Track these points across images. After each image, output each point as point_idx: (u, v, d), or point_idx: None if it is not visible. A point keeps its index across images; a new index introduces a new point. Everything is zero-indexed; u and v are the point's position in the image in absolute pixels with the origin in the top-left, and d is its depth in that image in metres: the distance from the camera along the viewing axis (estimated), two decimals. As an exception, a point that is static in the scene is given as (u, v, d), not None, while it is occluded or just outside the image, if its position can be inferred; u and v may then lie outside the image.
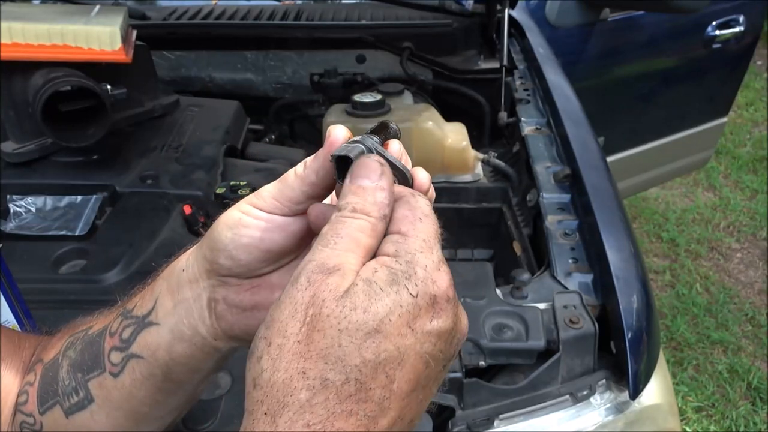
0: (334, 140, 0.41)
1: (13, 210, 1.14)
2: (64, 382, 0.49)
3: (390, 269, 0.34)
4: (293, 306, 0.33)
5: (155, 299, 0.47)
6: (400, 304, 0.33)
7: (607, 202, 1.05)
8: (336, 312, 0.32)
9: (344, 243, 0.35)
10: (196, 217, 1.15)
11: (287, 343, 0.32)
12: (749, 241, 3.20)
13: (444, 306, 0.34)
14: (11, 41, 1.12)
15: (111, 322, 0.49)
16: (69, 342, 0.52)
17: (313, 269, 0.34)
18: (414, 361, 0.33)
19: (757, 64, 5.13)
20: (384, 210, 0.37)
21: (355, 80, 1.68)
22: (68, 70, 1.15)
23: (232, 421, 0.74)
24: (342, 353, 0.32)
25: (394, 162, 0.41)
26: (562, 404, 0.83)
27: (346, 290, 0.33)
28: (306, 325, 0.32)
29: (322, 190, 0.42)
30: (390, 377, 0.32)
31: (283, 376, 0.32)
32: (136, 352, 0.46)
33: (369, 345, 0.32)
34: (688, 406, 2.30)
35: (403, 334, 0.33)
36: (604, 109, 2.41)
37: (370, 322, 0.32)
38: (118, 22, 1.21)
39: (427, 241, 0.36)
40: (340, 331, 0.32)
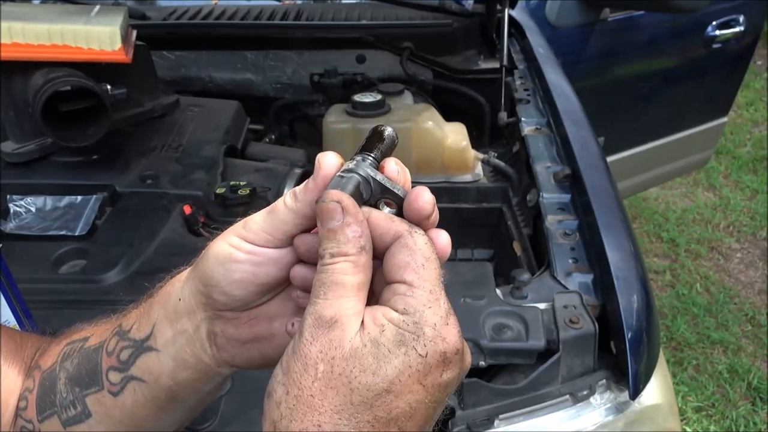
0: (325, 173, 0.40)
1: (13, 210, 1.14)
2: (62, 395, 0.49)
3: (398, 329, 0.35)
4: (304, 360, 0.35)
5: (152, 324, 0.46)
6: (409, 365, 0.34)
7: (607, 202, 1.05)
8: (347, 372, 0.34)
9: (333, 291, 0.36)
10: (196, 217, 1.15)
11: (302, 395, 0.34)
12: (749, 241, 3.20)
13: (453, 359, 0.36)
14: (11, 41, 1.12)
15: (107, 339, 0.48)
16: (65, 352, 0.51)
17: (313, 323, 0.35)
18: (424, 411, 0.35)
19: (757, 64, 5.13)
20: (359, 243, 0.37)
21: (355, 80, 1.68)
22: (68, 70, 1.15)
23: (232, 421, 0.74)
24: (355, 411, 0.34)
25: (390, 188, 0.40)
26: (562, 404, 0.83)
27: (353, 349, 0.34)
28: (318, 381, 0.34)
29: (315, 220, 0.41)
30: (401, 428, 0.34)
31: (299, 426, 0.34)
32: (137, 375, 0.46)
33: (380, 404, 0.34)
34: (688, 406, 2.30)
35: (414, 391, 0.34)
36: (604, 109, 2.41)
37: (380, 383, 0.34)
38: (118, 22, 1.21)
39: (434, 291, 0.36)
40: (351, 390, 0.34)
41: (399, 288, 0.36)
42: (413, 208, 0.39)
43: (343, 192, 0.38)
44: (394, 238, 0.38)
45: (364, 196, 0.40)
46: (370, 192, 0.40)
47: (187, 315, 0.45)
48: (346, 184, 0.39)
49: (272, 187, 1.28)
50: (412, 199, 0.39)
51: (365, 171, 0.39)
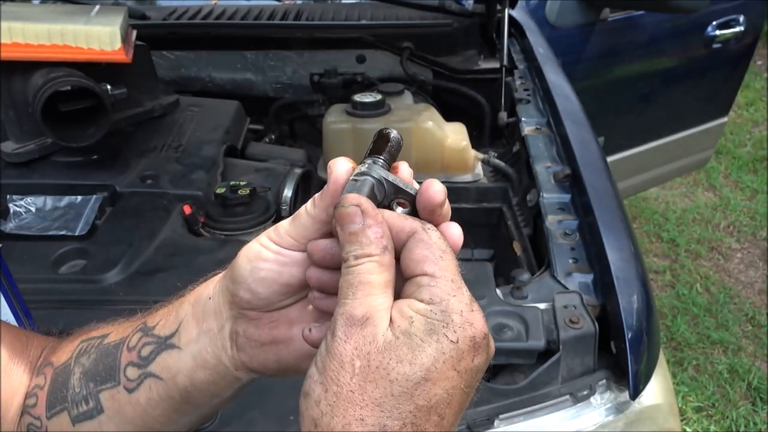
0: (337, 178, 0.41)
1: (13, 210, 1.14)
2: (75, 390, 0.49)
3: (426, 318, 0.36)
4: (340, 358, 0.36)
5: (179, 322, 0.47)
6: (443, 352, 0.35)
7: (607, 202, 1.05)
8: (384, 364, 0.35)
9: (362, 290, 0.37)
10: (195, 217, 1.16)
11: (342, 392, 0.35)
12: (749, 241, 3.20)
13: (482, 344, 0.37)
14: (11, 41, 1.12)
15: (129, 335, 0.49)
16: (82, 348, 0.52)
17: (345, 322, 0.36)
18: (460, 397, 0.36)
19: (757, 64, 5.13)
20: (381, 243, 0.38)
21: (355, 80, 1.68)
22: (68, 70, 1.15)
23: (232, 421, 0.74)
24: (396, 402, 0.34)
25: (405, 189, 0.41)
26: (562, 404, 0.83)
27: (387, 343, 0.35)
28: (356, 376, 0.35)
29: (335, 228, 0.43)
30: (441, 415, 0.36)
31: (341, 421, 0.35)
32: (155, 372, 0.47)
33: (420, 393, 0.35)
34: (688, 406, 2.30)
35: (450, 377, 0.36)
36: (604, 109, 2.41)
37: (417, 372, 0.35)
38: (118, 22, 1.21)
39: (455, 281, 0.38)
40: (391, 382, 0.35)
41: (422, 280, 0.37)
42: (425, 198, 0.40)
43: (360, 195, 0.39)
44: (409, 234, 0.39)
45: (378, 198, 0.40)
46: (384, 193, 0.41)
47: (214, 314, 0.46)
48: (361, 187, 0.40)
49: (272, 187, 1.28)
50: (424, 190, 0.40)
51: (378, 173, 0.40)
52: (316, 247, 0.42)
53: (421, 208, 0.40)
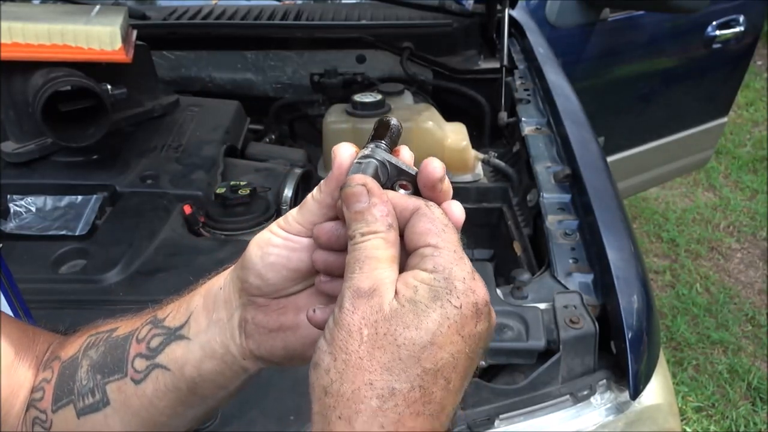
0: (341, 162, 0.42)
1: (13, 210, 1.14)
2: (81, 382, 0.50)
3: (430, 287, 0.37)
4: (347, 328, 0.37)
5: (189, 314, 0.48)
6: (447, 317, 0.37)
7: (608, 202, 1.05)
8: (391, 330, 0.36)
9: (368, 264, 0.38)
10: (196, 217, 1.16)
11: (350, 359, 0.36)
12: (749, 241, 3.20)
13: (484, 310, 0.39)
14: (11, 41, 1.12)
15: (139, 328, 0.50)
16: (90, 342, 0.52)
17: (352, 294, 0.37)
18: (464, 362, 0.38)
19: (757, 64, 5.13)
20: (387, 220, 0.40)
21: (355, 80, 1.68)
22: (68, 70, 1.15)
23: (232, 421, 0.74)
24: (404, 366, 0.36)
25: (407, 170, 0.43)
26: (562, 404, 0.83)
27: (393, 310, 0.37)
28: (364, 344, 0.36)
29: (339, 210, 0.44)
30: (447, 379, 0.37)
31: (351, 387, 0.36)
32: (163, 363, 0.47)
33: (427, 356, 0.36)
34: (688, 406, 2.30)
35: (455, 341, 0.37)
36: (604, 109, 2.41)
37: (423, 336, 0.36)
38: (119, 22, 1.21)
39: (457, 251, 0.39)
40: (398, 347, 0.36)
41: (425, 251, 0.39)
42: (425, 174, 0.41)
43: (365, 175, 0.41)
44: (412, 212, 0.40)
45: (382, 180, 0.42)
46: (387, 175, 0.42)
47: (224, 303, 0.47)
48: (365, 169, 0.41)
49: (272, 187, 1.28)
50: (423, 167, 0.42)
51: (381, 156, 0.42)
52: (321, 230, 0.43)
53: (423, 186, 0.42)
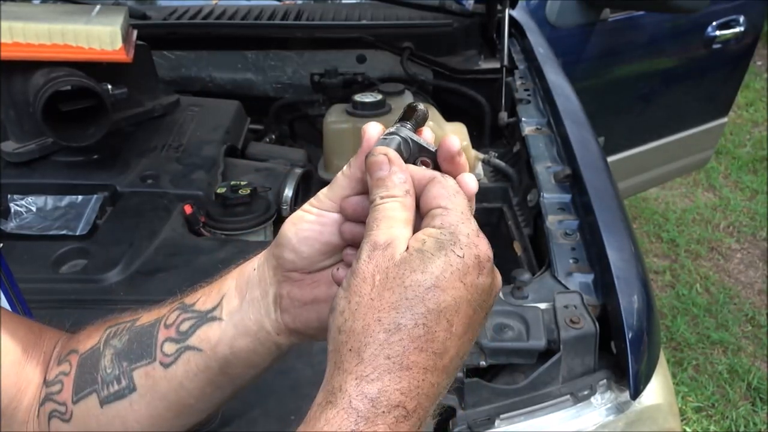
0: (369, 137, 0.47)
1: (13, 210, 1.14)
2: (106, 371, 0.51)
3: (437, 239, 0.41)
4: (362, 274, 0.40)
5: (221, 296, 0.50)
6: (450, 264, 0.40)
7: (608, 202, 1.05)
8: (399, 274, 0.39)
9: (385, 222, 0.42)
10: (196, 217, 1.16)
11: (363, 300, 0.40)
12: (749, 241, 3.20)
13: (486, 265, 0.42)
14: (12, 41, 1.12)
15: (166, 314, 0.52)
16: (111, 332, 0.53)
17: (370, 247, 0.41)
18: (466, 309, 0.41)
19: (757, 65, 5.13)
20: (405, 186, 0.43)
21: (356, 80, 1.68)
22: (69, 69, 1.15)
23: (232, 421, 0.74)
24: (410, 304, 0.39)
25: (427, 147, 0.47)
26: (562, 404, 0.83)
27: (402, 258, 0.40)
28: (376, 287, 0.40)
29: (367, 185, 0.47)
30: (450, 322, 0.40)
31: (362, 323, 0.39)
32: (194, 345, 0.49)
33: (431, 297, 0.39)
34: (688, 406, 2.30)
35: (456, 287, 0.40)
36: (604, 109, 2.41)
37: (428, 279, 0.39)
38: (119, 21, 1.21)
39: (465, 213, 0.42)
40: (405, 288, 0.39)
41: (435, 211, 0.42)
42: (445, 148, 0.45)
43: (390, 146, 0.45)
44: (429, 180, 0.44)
45: (405, 155, 0.46)
46: (410, 151, 0.46)
47: (259, 282, 0.50)
48: (390, 143, 0.45)
49: (272, 187, 1.28)
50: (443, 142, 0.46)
51: (405, 133, 0.46)
52: (348, 203, 0.46)
53: (442, 159, 0.46)
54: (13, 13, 1.18)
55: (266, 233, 1.23)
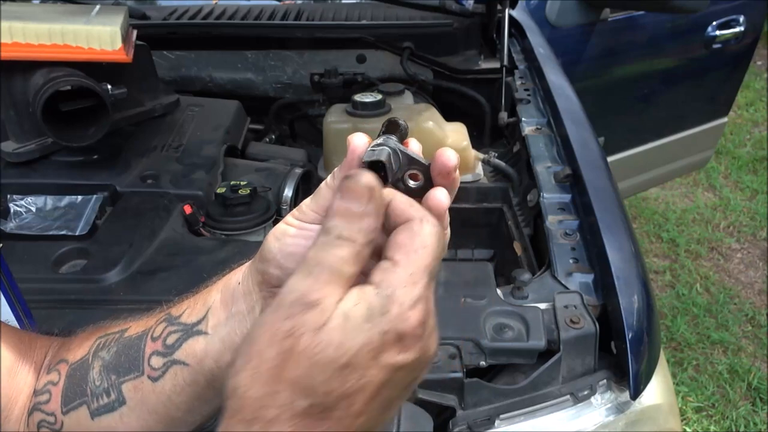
0: (355, 147, 0.43)
1: (13, 210, 1.14)
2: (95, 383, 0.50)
3: (369, 305, 0.36)
4: (272, 333, 0.36)
5: (207, 309, 0.49)
6: (370, 341, 0.36)
7: (608, 202, 1.05)
8: (311, 347, 0.35)
9: (326, 274, 0.37)
10: (196, 217, 1.15)
11: (263, 366, 0.35)
12: (749, 241, 3.20)
13: (410, 342, 0.37)
14: (11, 41, 1.12)
15: (153, 326, 0.50)
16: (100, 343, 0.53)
17: (294, 301, 0.36)
18: (374, 389, 0.36)
19: (757, 65, 5.13)
20: (370, 236, 0.38)
21: (356, 80, 1.68)
22: (69, 69, 1.15)
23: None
24: (311, 383, 0.35)
25: (417, 159, 0.44)
26: (562, 404, 0.83)
27: (323, 327, 0.35)
28: (282, 354, 0.35)
29: None
30: (351, 402, 0.36)
31: (256, 393, 0.35)
32: (181, 359, 0.48)
33: (336, 377, 0.35)
34: (688, 406, 2.30)
35: (368, 366, 0.36)
36: (604, 109, 2.41)
37: (341, 358, 0.35)
38: (119, 21, 1.21)
39: (414, 274, 0.37)
40: (312, 365, 0.35)
41: (385, 263, 0.38)
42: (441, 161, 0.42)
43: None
44: (404, 221, 0.40)
45: (394, 167, 0.43)
46: (399, 163, 0.43)
47: (244, 296, 0.47)
48: (379, 154, 0.42)
49: (273, 186, 1.28)
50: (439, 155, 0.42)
51: (394, 144, 0.43)
52: None
53: (437, 173, 0.43)
54: (13, 13, 1.18)
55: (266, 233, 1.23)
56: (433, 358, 0.40)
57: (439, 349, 0.83)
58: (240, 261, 0.51)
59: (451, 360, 0.82)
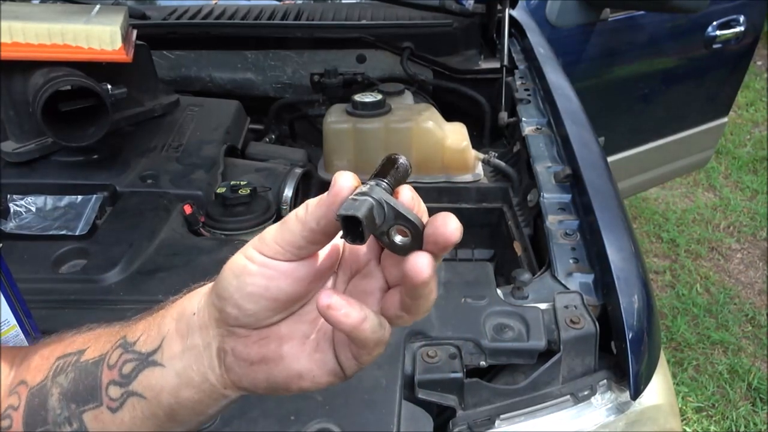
0: (339, 190, 0.39)
1: (13, 210, 1.14)
2: (56, 412, 0.48)
3: None
4: None
5: (162, 338, 0.45)
6: None
7: (608, 202, 1.05)
8: None
9: None
10: (196, 217, 1.15)
11: None
12: (749, 241, 3.20)
13: None
14: (11, 41, 1.12)
15: (109, 352, 0.47)
16: (58, 366, 0.50)
17: None
18: None
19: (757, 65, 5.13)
20: None
21: (356, 80, 1.68)
22: (68, 69, 1.15)
23: (232, 421, 0.74)
24: None
25: (406, 215, 0.39)
26: (563, 404, 0.83)
27: None
28: None
29: (323, 236, 0.40)
30: None
31: None
32: (138, 391, 0.45)
33: None
34: (689, 406, 2.30)
35: None
36: (604, 109, 2.41)
37: None
38: (119, 21, 1.21)
39: None
40: None
41: None
42: (442, 233, 0.37)
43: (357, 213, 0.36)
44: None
45: (377, 221, 0.38)
46: (383, 217, 0.38)
47: (200, 330, 0.44)
48: (359, 206, 0.37)
49: (272, 187, 1.28)
50: (440, 224, 0.37)
51: (379, 195, 0.38)
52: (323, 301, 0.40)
53: (432, 241, 0.38)
54: (13, 13, 1.18)
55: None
56: None
57: (440, 349, 0.83)
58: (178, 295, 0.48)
59: (451, 360, 0.82)
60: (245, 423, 0.73)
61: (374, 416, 0.72)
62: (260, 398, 0.76)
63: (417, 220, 0.39)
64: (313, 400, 0.75)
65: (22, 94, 1.17)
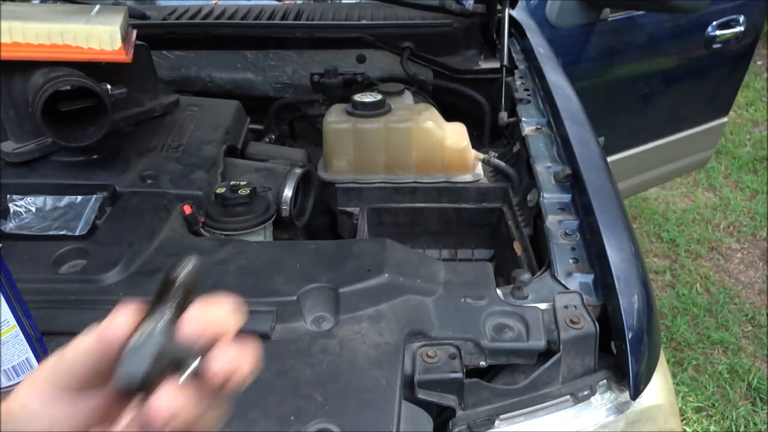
0: (111, 338, 0.35)
1: (13, 210, 1.14)
2: None
3: None
4: None
5: None
6: None
7: (608, 202, 1.05)
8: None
9: None
10: (196, 217, 1.15)
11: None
12: (749, 241, 3.20)
13: None
14: (11, 41, 1.12)
15: None
16: None
17: None
18: None
19: (757, 64, 5.14)
20: None
21: (356, 80, 1.68)
22: (68, 69, 1.15)
23: (232, 421, 0.74)
24: None
25: (186, 353, 0.35)
26: (562, 404, 0.83)
27: None
28: None
29: None
30: None
31: None
32: None
33: None
34: (688, 406, 2.30)
35: None
36: (604, 109, 2.41)
37: None
38: (118, 21, 1.21)
39: None
40: None
41: None
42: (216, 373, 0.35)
43: (132, 382, 0.34)
44: None
45: (158, 370, 0.35)
46: (165, 361, 0.35)
47: None
48: (136, 370, 0.34)
49: (272, 187, 1.28)
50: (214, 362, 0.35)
51: (158, 339, 0.35)
52: None
53: (211, 377, 0.35)
54: (12, 13, 1.17)
55: (266, 233, 1.23)
56: None
57: (439, 349, 0.83)
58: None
59: (451, 360, 0.82)
60: (245, 423, 0.73)
61: (374, 416, 0.72)
62: (260, 398, 0.76)
63: (196, 360, 0.35)
64: (313, 400, 0.75)
65: (22, 94, 1.16)
